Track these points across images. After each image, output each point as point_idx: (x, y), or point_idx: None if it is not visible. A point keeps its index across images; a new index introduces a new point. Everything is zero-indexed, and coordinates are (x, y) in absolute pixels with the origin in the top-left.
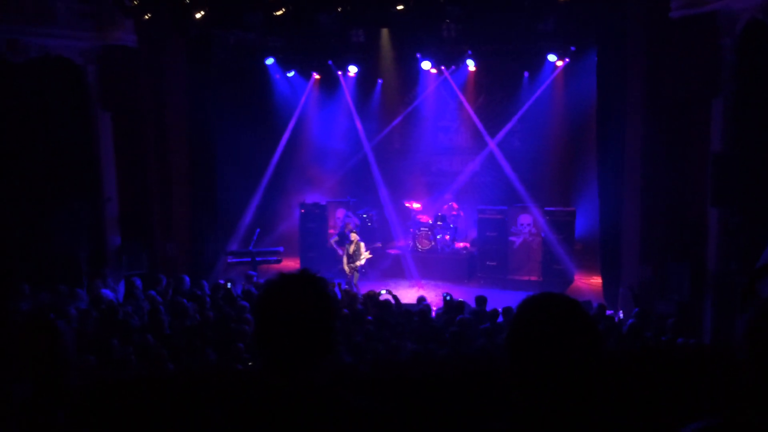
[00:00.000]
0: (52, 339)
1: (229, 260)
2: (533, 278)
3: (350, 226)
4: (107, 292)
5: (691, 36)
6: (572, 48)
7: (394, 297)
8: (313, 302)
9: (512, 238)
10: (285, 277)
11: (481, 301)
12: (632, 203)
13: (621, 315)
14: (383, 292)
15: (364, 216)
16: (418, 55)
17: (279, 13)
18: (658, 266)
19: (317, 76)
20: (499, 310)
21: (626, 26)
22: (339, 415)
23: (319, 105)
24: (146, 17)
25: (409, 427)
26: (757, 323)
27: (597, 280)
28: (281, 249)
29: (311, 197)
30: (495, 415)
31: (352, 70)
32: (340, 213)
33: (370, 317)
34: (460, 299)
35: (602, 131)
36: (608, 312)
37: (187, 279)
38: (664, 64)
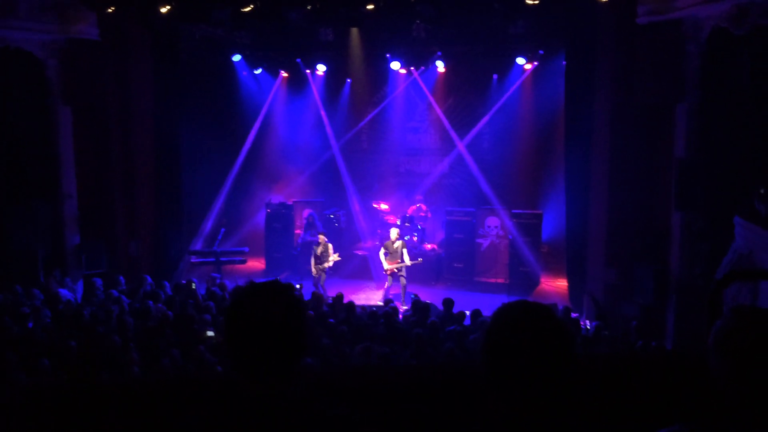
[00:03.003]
0: None
1: (192, 260)
2: (500, 280)
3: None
4: (65, 292)
5: (658, 42)
6: (541, 51)
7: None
8: (284, 311)
9: (479, 240)
10: (254, 285)
11: (448, 303)
12: (598, 206)
13: (585, 318)
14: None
15: (331, 216)
16: (388, 55)
17: (247, 9)
18: (623, 269)
19: (285, 74)
20: (465, 311)
21: (594, 31)
22: (313, 423)
23: (286, 103)
24: (110, 10)
25: None
26: (728, 332)
27: (563, 283)
28: (246, 249)
29: (277, 197)
30: (469, 420)
31: (321, 68)
32: (307, 213)
33: (332, 320)
34: (427, 301)
35: (569, 134)
36: (573, 315)
37: (149, 279)
38: (631, 68)
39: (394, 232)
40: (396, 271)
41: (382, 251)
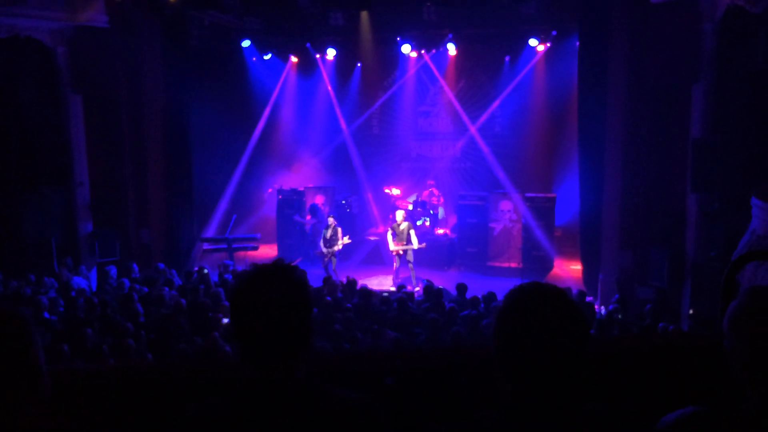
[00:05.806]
0: (22, 333)
1: (204, 247)
2: (513, 265)
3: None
4: (80, 280)
5: (673, 21)
6: (554, 32)
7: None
8: (288, 293)
9: (492, 225)
10: (258, 268)
11: (462, 288)
12: (612, 189)
13: (599, 302)
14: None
15: (343, 202)
16: (398, 39)
17: None
18: (638, 252)
19: (295, 59)
20: (479, 296)
21: (608, 10)
22: (322, 407)
23: (296, 89)
24: None
25: (395, 418)
26: (742, 312)
27: (577, 267)
28: (258, 236)
29: (289, 183)
30: (483, 403)
31: (331, 53)
32: (319, 199)
33: (349, 305)
34: (439, 286)
35: (583, 117)
36: (588, 298)
37: (163, 267)
38: (645, 49)
39: (400, 215)
40: (401, 253)
41: (389, 232)
